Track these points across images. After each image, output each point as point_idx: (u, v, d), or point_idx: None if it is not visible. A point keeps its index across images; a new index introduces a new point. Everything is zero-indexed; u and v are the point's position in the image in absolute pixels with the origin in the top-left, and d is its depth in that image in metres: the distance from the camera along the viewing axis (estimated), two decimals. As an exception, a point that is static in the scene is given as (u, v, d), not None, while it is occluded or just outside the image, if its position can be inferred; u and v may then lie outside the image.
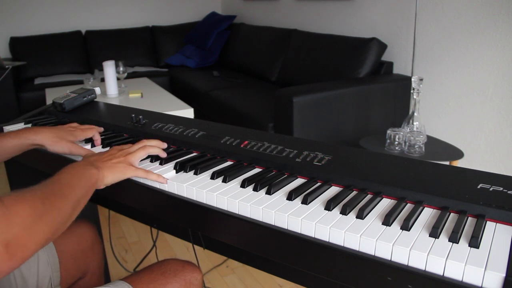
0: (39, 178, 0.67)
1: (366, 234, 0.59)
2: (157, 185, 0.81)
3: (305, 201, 0.68)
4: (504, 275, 0.49)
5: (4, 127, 1.19)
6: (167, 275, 0.87)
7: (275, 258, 0.67)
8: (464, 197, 0.65)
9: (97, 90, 2.04)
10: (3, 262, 0.51)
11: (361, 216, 0.63)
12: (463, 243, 0.56)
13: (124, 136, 1.07)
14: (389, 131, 1.87)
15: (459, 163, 1.81)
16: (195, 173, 0.82)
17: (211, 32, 4.14)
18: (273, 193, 0.72)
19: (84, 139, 1.02)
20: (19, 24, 4.01)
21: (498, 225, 0.61)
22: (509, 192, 0.66)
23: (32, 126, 1.17)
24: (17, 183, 1.35)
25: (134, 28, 4.36)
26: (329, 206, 0.66)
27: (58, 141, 0.93)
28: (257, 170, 0.84)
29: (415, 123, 1.85)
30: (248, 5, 4.29)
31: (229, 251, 1.18)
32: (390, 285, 0.55)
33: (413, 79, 1.79)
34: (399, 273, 0.55)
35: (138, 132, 1.06)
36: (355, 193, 0.72)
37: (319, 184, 0.76)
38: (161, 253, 1.97)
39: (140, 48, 4.29)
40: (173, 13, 4.63)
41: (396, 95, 2.43)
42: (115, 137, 1.05)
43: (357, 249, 0.59)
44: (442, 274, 0.53)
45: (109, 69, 2.51)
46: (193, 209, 0.75)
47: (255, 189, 0.74)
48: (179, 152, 0.93)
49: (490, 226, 0.61)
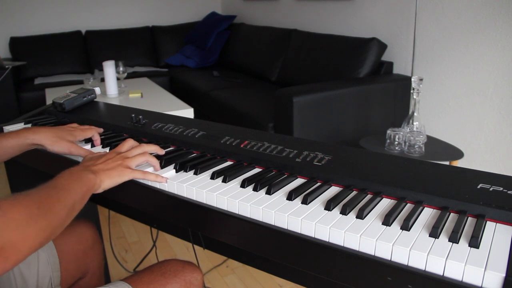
0: (39, 178, 0.67)
1: (366, 234, 0.59)
2: (157, 185, 0.81)
3: (305, 201, 0.68)
4: (504, 275, 0.49)
5: (4, 127, 1.19)
6: (167, 276, 0.87)
7: (275, 258, 0.67)
8: (464, 197, 0.65)
9: (97, 90, 2.05)
10: None
11: (361, 216, 0.63)
12: (463, 243, 0.56)
13: (124, 136, 1.07)
14: (389, 131, 1.87)
15: (459, 163, 1.81)
16: (195, 173, 0.81)
17: (211, 32, 4.14)
18: (273, 193, 0.72)
19: (83, 139, 1.02)
20: (19, 24, 4.01)
21: (498, 225, 0.61)
22: (509, 192, 0.66)
23: (32, 126, 1.17)
24: (17, 183, 1.35)
25: (134, 28, 4.36)
26: (329, 206, 0.66)
27: (57, 141, 0.93)
28: (257, 170, 0.84)
29: (415, 123, 1.85)
30: (248, 5, 4.29)
31: (229, 251, 1.18)
32: (390, 285, 0.55)
33: (413, 79, 1.79)
34: (399, 273, 0.55)
35: (138, 132, 1.06)
36: (355, 193, 0.72)
37: (319, 184, 0.75)
38: (161, 253, 1.97)
39: (140, 48, 4.29)
40: (173, 13, 4.63)
41: (396, 95, 2.43)
42: (115, 137, 1.05)
43: (357, 249, 0.59)
44: (442, 274, 0.53)
45: (109, 69, 2.51)
46: (193, 209, 0.75)
47: (255, 189, 0.74)
48: (179, 152, 0.93)
49: (490, 226, 0.61)
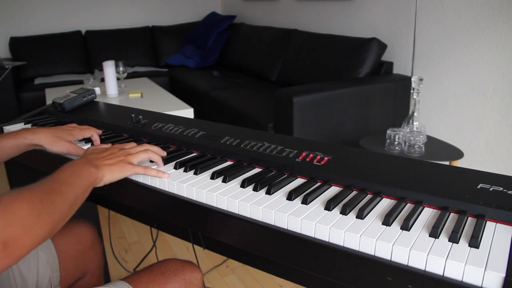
0: (39, 178, 0.67)
1: (366, 234, 0.59)
2: (157, 185, 0.81)
3: (305, 201, 0.68)
4: (504, 275, 0.49)
5: (4, 127, 1.19)
6: (167, 275, 0.87)
7: (275, 258, 0.67)
8: (464, 197, 0.65)
9: (97, 90, 2.05)
10: (0, 260, 0.52)
11: (361, 216, 0.63)
12: (463, 243, 0.56)
13: (124, 136, 1.07)
14: (389, 131, 1.87)
15: (459, 163, 1.81)
16: (195, 173, 0.81)
17: (211, 32, 4.14)
18: (273, 193, 0.72)
19: (83, 140, 1.02)
20: (19, 24, 4.01)
21: (498, 225, 0.61)
22: (509, 192, 0.66)
23: (31, 126, 1.17)
24: (17, 183, 1.34)
25: (134, 28, 4.36)
26: (329, 206, 0.66)
27: (56, 141, 0.93)
28: (257, 170, 0.84)
29: (415, 123, 1.85)
30: (248, 5, 4.29)
31: (229, 251, 1.18)
32: (390, 285, 0.55)
33: (413, 79, 1.79)
34: (399, 273, 0.55)
35: (138, 132, 1.06)
36: (355, 193, 0.72)
37: (319, 184, 0.75)
38: (161, 253, 1.97)
39: (140, 48, 4.29)
40: (173, 13, 4.63)
41: (396, 95, 2.43)
42: (115, 137, 1.05)
43: (357, 249, 0.58)
44: (442, 274, 0.53)
45: (109, 69, 2.51)
46: (193, 209, 0.75)
47: (255, 189, 0.74)
48: (179, 152, 0.93)
49: (490, 226, 0.61)
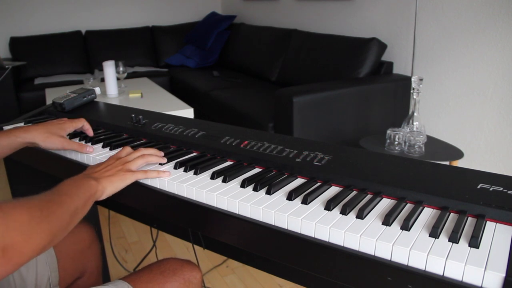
0: (39, 178, 0.67)
1: (366, 234, 0.59)
2: (157, 185, 0.81)
3: (305, 201, 0.68)
4: (504, 275, 0.49)
5: (4, 127, 1.19)
6: (166, 274, 0.87)
7: (275, 258, 0.67)
8: (464, 197, 0.65)
9: (97, 90, 2.05)
10: (0, 266, 0.51)
11: (361, 216, 0.63)
12: (463, 243, 0.56)
13: (124, 136, 1.07)
14: (389, 131, 1.87)
15: (459, 163, 1.81)
16: (195, 173, 0.81)
17: (211, 32, 4.14)
18: (273, 193, 0.72)
19: (77, 137, 1.03)
20: (19, 24, 4.01)
21: (498, 225, 0.61)
22: (509, 192, 0.66)
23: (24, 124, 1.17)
24: (17, 183, 1.35)
25: (134, 28, 4.36)
26: (329, 206, 0.66)
27: (49, 136, 0.94)
28: (257, 170, 0.84)
29: (415, 123, 1.85)
30: (248, 5, 4.29)
31: (229, 251, 1.18)
32: (390, 285, 0.55)
33: (413, 79, 1.79)
34: (399, 273, 0.55)
35: (138, 132, 1.06)
36: (355, 193, 0.72)
37: (319, 184, 0.75)
38: (161, 253, 1.97)
39: (140, 48, 4.29)
40: (173, 13, 4.63)
41: (396, 95, 2.43)
42: (115, 137, 1.05)
43: (357, 249, 0.58)
44: (442, 274, 0.53)
45: (109, 69, 2.51)
46: (193, 209, 0.75)
47: (255, 189, 0.74)
48: (179, 152, 0.93)
49: (490, 226, 0.61)
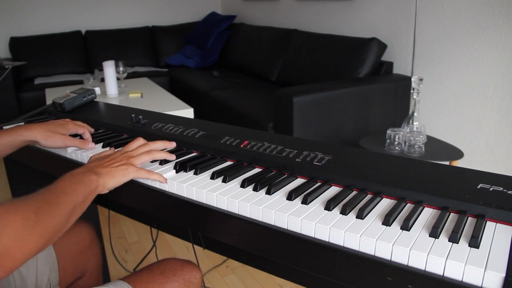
0: (39, 178, 0.67)
1: (366, 234, 0.59)
2: (157, 185, 0.81)
3: (305, 201, 0.68)
4: (504, 275, 0.49)
5: (4, 127, 1.19)
6: (166, 274, 0.87)
7: (275, 258, 0.67)
8: (464, 197, 0.65)
9: (97, 90, 2.04)
10: None
11: (361, 216, 0.63)
12: (463, 243, 0.56)
13: (124, 136, 1.07)
14: (389, 131, 1.87)
15: (459, 163, 1.81)
16: (195, 173, 0.81)
17: (211, 32, 4.14)
18: (273, 193, 0.72)
19: (77, 135, 1.02)
20: (19, 24, 4.01)
21: (498, 225, 0.61)
22: (509, 192, 0.66)
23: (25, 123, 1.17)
24: (17, 183, 1.35)
25: (134, 28, 4.36)
26: (329, 206, 0.66)
27: (51, 135, 0.93)
28: (257, 170, 0.84)
29: (415, 123, 1.85)
30: (248, 5, 4.29)
31: (229, 251, 1.18)
32: (390, 285, 0.55)
33: (413, 79, 1.79)
34: (399, 273, 0.55)
35: (138, 132, 1.06)
36: (355, 193, 0.72)
37: (319, 184, 0.75)
38: (161, 253, 1.97)
39: (140, 48, 4.29)
40: (173, 13, 4.63)
41: (396, 95, 2.43)
42: (115, 137, 1.05)
43: (357, 249, 0.58)
44: (442, 274, 0.53)
45: (109, 69, 2.51)
46: (193, 209, 0.75)
47: (255, 189, 0.74)
48: (179, 152, 0.93)
49: (490, 226, 0.61)
